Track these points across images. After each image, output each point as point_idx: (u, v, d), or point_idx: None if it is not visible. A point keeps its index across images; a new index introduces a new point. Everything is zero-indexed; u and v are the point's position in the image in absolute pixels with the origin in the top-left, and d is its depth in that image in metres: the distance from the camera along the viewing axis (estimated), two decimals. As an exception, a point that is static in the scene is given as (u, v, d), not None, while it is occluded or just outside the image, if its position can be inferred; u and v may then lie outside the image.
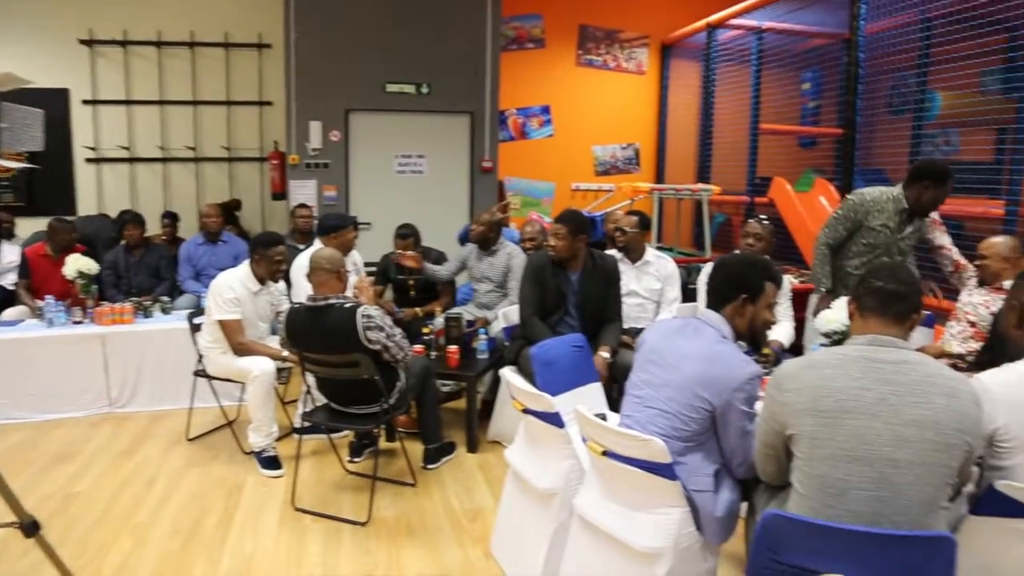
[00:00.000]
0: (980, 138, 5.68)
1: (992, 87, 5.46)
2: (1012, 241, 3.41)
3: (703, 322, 2.25)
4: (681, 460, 2.14)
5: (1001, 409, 1.83)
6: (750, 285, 2.24)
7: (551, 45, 7.76)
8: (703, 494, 2.15)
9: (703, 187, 6.27)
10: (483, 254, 4.90)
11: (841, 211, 3.79)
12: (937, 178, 3.59)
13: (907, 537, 1.63)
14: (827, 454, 1.74)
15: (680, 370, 2.16)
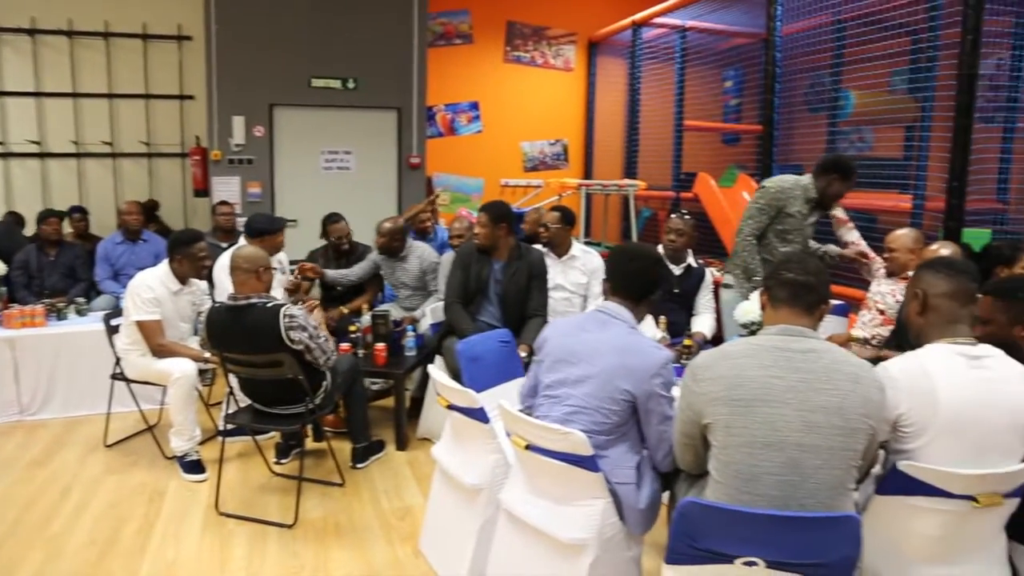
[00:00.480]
0: (891, 135, 5.94)
1: (900, 87, 5.72)
2: (915, 233, 3.59)
3: (609, 315, 2.30)
4: (603, 454, 2.18)
5: (904, 395, 1.92)
6: (659, 279, 2.35)
7: (479, 41, 7.77)
8: (626, 486, 2.20)
9: (629, 183, 6.38)
10: (394, 261, 4.86)
11: (763, 200, 3.83)
12: (844, 172, 3.73)
13: (815, 519, 1.70)
14: (741, 441, 1.80)
15: (596, 364, 2.19)
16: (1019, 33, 5.19)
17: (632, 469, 2.23)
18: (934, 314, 2.04)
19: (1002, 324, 2.22)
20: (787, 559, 1.71)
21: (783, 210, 3.78)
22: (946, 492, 1.90)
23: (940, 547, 1.98)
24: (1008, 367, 1.97)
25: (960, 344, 1.97)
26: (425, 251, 4.81)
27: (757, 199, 3.85)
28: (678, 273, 3.99)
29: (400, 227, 4.78)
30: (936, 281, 2.05)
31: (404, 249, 4.80)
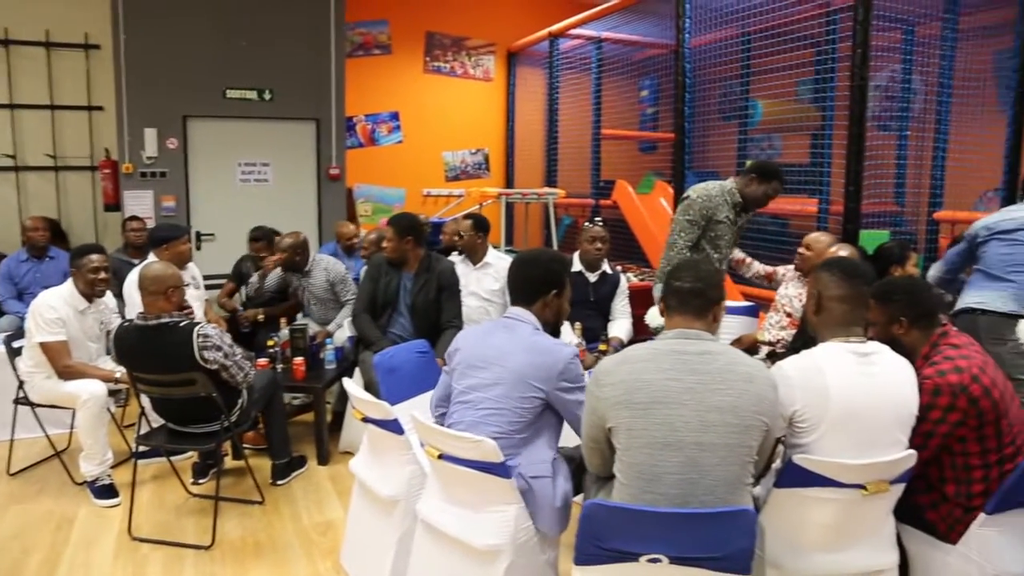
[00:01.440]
0: (798, 142, 6.21)
1: (805, 96, 5.99)
2: (832, 238, 3.75)
3: (514, 319, 2.38)
4: (519, 450, 2.24)
5: (798, 392, 2.03)
6: (558, 280, 2.41)
7: (398, 52, 7.77)
8: (542, 480, 2.26)
9: (548, 191, 6.48)
10: (299, 276, 4.79)
11: (692, 213, 3.74)
12: (761, 173, 3.72)
13: (712, 514, 1.78)
14: (642, 443, 1.87)
15: (507, 367, 2.26)
16: (908, 47, 5.52)
17: (547, 463, 2.29)
18: (828, 314, 2.16)
19: (883, 324, 2.36)
20: (689, 554, 1.78)
21: (712, 218, 3.75)
22: (838, 482, 2.01)
23: (834, 534, 2.10)
24: (893, 363, 2.11)
25: (852, 343, 2.09)
26: (330, 263, 4.76)
27: (686, 212, 3.77)
28: (594, 280, 4.08)
29: (301, 242, 4.69)
30: (831, 284, 2.16)
31: (308, 263, 4.73)
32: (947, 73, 5.24)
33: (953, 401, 2.12)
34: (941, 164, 5.33)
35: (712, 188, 3.77)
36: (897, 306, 2.33)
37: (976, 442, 2.17)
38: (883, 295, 2.35)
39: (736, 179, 3.78)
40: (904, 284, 2.42)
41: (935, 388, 2.14)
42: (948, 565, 2.27)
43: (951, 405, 2.12)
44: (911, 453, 2.06)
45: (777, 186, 3.71)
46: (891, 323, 2.33)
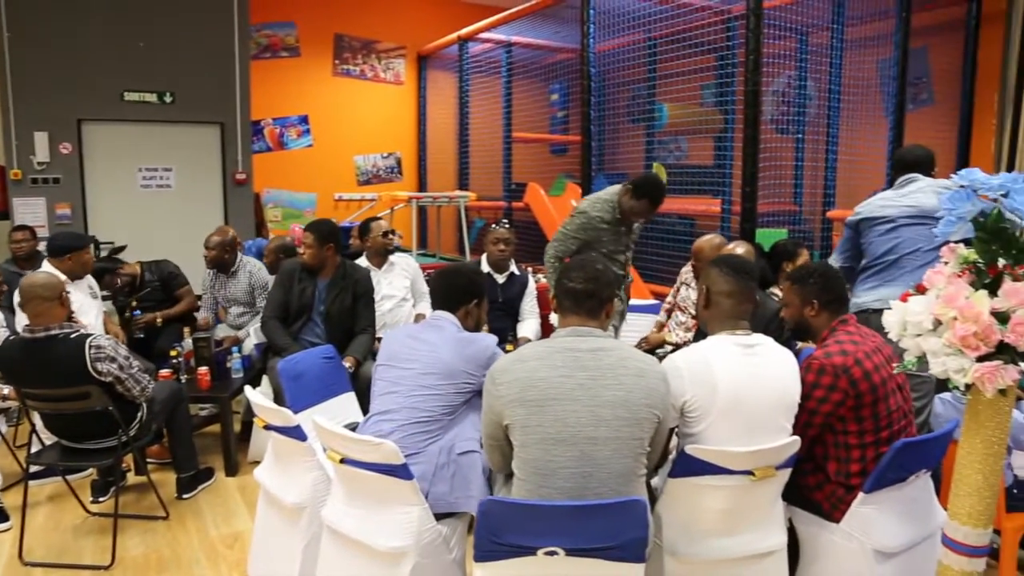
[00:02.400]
0: (703, 144, 6.43)
1: (709, 100, 6.21)
2: (718, 239, 3.89)
3: (441, 320, 2.49)
4: (448, 430, 2.34)
5: (687, 384, 2.12)
6: (479, 291, 2.56)
7: (306, 54, 7.65)
8: (471, 455, 2.31)
9: (460, 194, 6.51)
10: (224, 277, 4.70)
11: (571, 228, 3.72)
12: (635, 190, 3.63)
13: (604, 505, 1.83)
14: (537, 439, 1.91)
15: (439, 357, 2.36)
16: (802, 55, 5.80)
17: (475, 440, 2.34)
18: (716, 308, 2.26)
19: (796, 306, 2.49)
20: (584, 545, 1.83)
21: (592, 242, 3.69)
22: (727, 469, 2.10)
23: (727, 519, 2.19)
24: (776, 354, 2.22)
25: (738, 335, 2.20)
26: (255, 267, 4.68)
27: (568, 225, 3.73)
28: (502, 281, 4.12)
29: (230, 239, 4.63)
30: (719, 279, 2.27)
31: (235, 264, 4.65)
32: (836, 80, 5.53)
33: (835, 381, 2.26)
34: (833, 165, 5.62)
35: (596, 202, 3.72)
36: (811, 289, 2.45)
37: (854, 422, 2.31)
38: (800, 278, 2.49)
39: (620, 191, 3.72)
40: (820, 269, 2.54)
41: (820, 368, 2.28)
42: (833, 543, 2.40)
43: (833, 385, 2.26)
44: (795, 439, 2.17)
45: (646, 205, 3.62)
46: (804, 304, 2.46)
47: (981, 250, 1.74)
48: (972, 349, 1.65)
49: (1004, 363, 1.64)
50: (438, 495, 2.27)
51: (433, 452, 2.29)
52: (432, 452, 2.29)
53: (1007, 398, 1.73)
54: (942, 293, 1.71)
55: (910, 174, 3.43)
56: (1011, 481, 2.78)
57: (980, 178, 1.73)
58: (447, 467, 2.28)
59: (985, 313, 1.63)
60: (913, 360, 1.79)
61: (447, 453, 2.30)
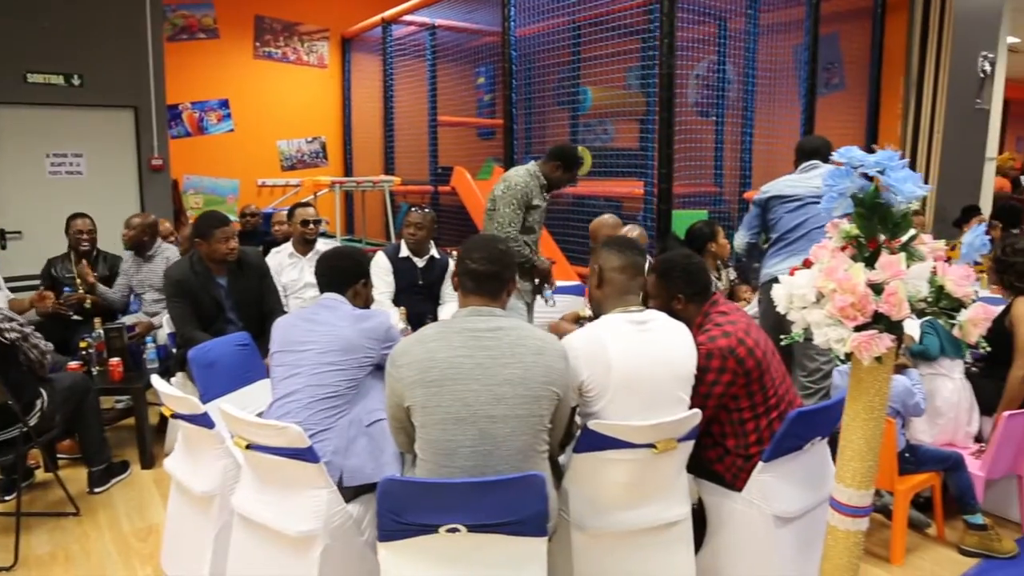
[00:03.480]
0: (629, 127, 6.51)
1: (634, 83, 6.28)
2: (612, 218, 3.97)
3: (332, 301, 2.50)
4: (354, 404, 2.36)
5: (583, 363, 2.16)
6: (365, 271, 2.59)
7: (226, 36, 7.43)
8: (380, 423, 2.33)
9: (384, 179, 6.45)
10: (141, 261, 4.57)
11: (514, 200, 3.69)
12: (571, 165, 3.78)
13: (502, 481, 1.86)
14: (437, 419, 1.92)
15: (339, 334, 2.37)
16: (722, 40, 5.93)
17: (382, 411, 2.32)
18: (609, 286, 2.31)
19: (663, 298, 2.52)
20: (485, 521, 1.86)
21: (530, 204, 3.75)
22: (629, 443, 2.16)
23: (631, 492, 2.25)
24: (668, 328, 2.28)
25: (630, 312, 2.25)
26: (174, 253, 4.56)
27: (507, 198, 3.70)
28: (421, 265, 4.11)
29: (151, 222, 4.51)
30: (610, 257, 2.33)
31: (152, 248, 4.51)
32: (752, 65, 5.67)
33: (723, 363, 2.33)
34: (749, 148, 5.77)
35: (522, 174, 3.75)
36: (675, 284, 2.49)
37: (747, 398, 2.39)
38: (663, 273, 2.51)
39: (538, 163, 3.80)
40: (682, 263, 2.55)
41: (707, 353, 2.33)
42: (735, 511, 2.49)
43: (722, 367, 2.33)
44: (695, 412, 2.24)
45: (575, 175, 3.85)
46: (671, 298, 2.49)
47: (861, 225, 1.82)
48: (850, 319, 1.73)
49: (879, 332, 1.72)
50: (354, 468, 2.26)
51: (343, 426, 2.31)
52: (342, 426, 2.30)
53: (884, 366, 1.82)
54: (824, 267, 1.78)
55: (811, 160, 3.68)
56: (903, 446, 2.93)
57: (858, 156, 1.80)
58: (358, 439, 2.29)
59: (861, 285, 1.71)
60: (800, 332, 1.87)
61: (357, 426, 2.32)
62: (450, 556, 1.93)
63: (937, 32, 5.72)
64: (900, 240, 1.80)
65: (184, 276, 3.64)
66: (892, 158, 1.80)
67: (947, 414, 3.16)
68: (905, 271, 1.73)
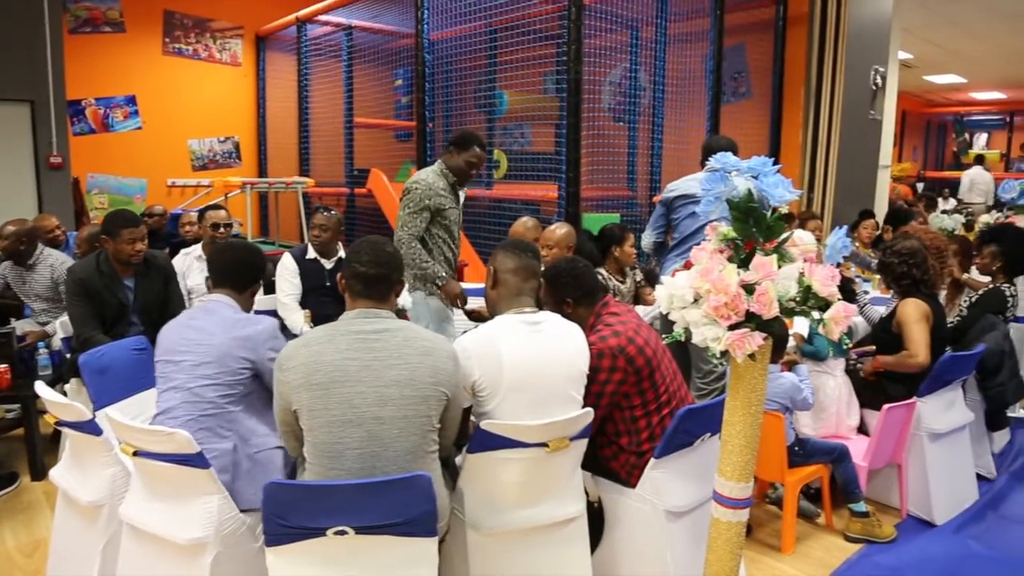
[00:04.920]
0: (547, 131, 6.58)
1: (550, 88, 6.36)
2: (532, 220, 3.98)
3: (215, 303, 2.39)
4: (239, 424, 2.26)
5: (475, 363, 2.18)
6: (257, 269, 2.49)
7: (132, 30, 7.18)
8: (268, 452, 2.27)
9: (297, 180, 6.35)
10: (22, 270, 4.32)
11: (414, 205, 3.53)
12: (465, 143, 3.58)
13: (388, 481, 1.86)
14: (324, 422, 1.91)
15: (213, 345, 2.25)
16: (634, 47, 6.07)
17: (270, 436, 2.29)
18: (503, 288, 2.35)
19: (553, 304, 2.58)
20: (373, 523, 1.86)
21: (439, 208, 3.56)
22: (522, 443, 2.19)
23: (525, 491, 2.28)
24: (560, 328, 2.34)
25: (524, 313, 2.29)
26: (58, 259, 4.34)
27: (408, 204, 3.56)
28: (329, 267, 4.06)
29: (27, 229, 4.26)
30: (504, 259, 2.37)
31: (32, 256, 4.28)
32: (661, 72, 5.82)
33: (614, 362, 2.39)
34: (659, 153, 5.92)
35: (427, 175, 3.60)
36: (564, 289, 2.55)
37: (638, 396, 2.46)
38: (551, 279, 2.57)
39: (441, 156, 3.67)
40: (569, 269, 2.60)
41: (599, 352, 2.40)
42: (630, 507, 2.56)
43: (613, 366, 2.39)
44: (586, 411, 2.29)
45: (478, 152, 3.58)
46: (560, 303, 2.56)
47: (737, 227, 1.90)
48: (724, 319, 1.80)
49: (751, 331, 1.80)
50: (241, 493, 2.22)
51: (227, 449, 2.23)
52: (226, 449, 2.23)
53: (759, 363, 1.91)
54: (700, 268, 1.86)
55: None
56: (792, 440, 3.06)
57: (732, 161, 1.89)
58: (243, 464, 2.23)
59: (734, 285, 1.78)
60: (680, 331, 1.93)
61: (244, 451, 2.24)
62: (339, 559, 1.92)
63: (833, 46, 6.00)
64: (775, 242, 1.88)
65: (88, 275, 3.49)
66: (765, 163, 1.89)
67: (829, 409, 3.32)
68: (776, 272, 1.82)
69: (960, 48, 10.22)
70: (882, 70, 6.78)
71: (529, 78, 5.98)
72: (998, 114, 15.55)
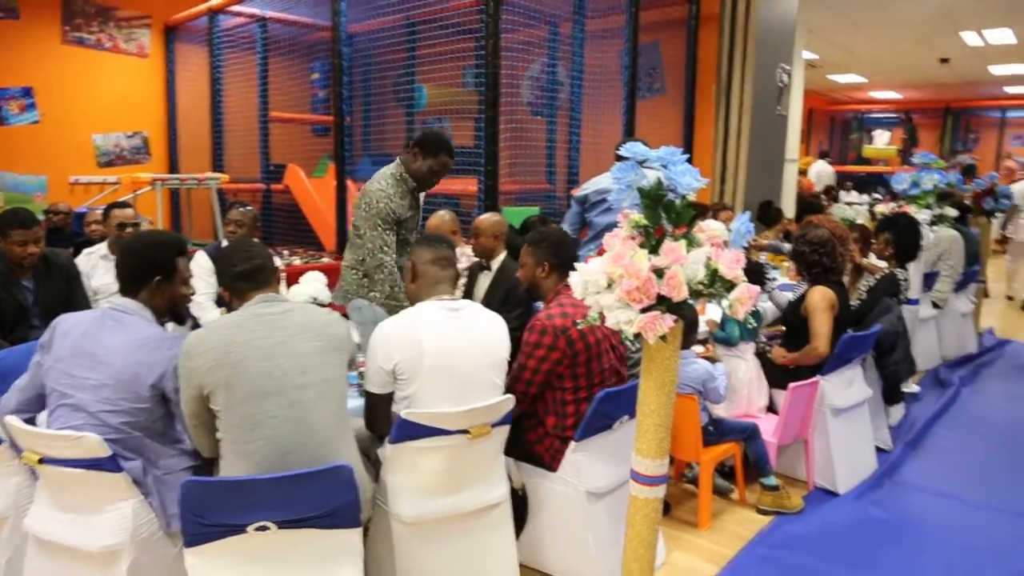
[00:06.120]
0: (467, 126, 6.59)
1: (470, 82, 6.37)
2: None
3: (121, 311, 2.17)
4: (142, 451, 2.11)
5: (395, 347, 2.22)
6: (162, 265, 2.21)
7: (28, 17, 6.79)
8: (180, 473, 2.15)
9: (210, 176, 6.17)
10: None
11: (378, 218, 3.17)
12: (434, 148, 3.24)
13: (309, 473, 1.86)
14: (242, 396, 1.93)
15: (114, 366, 2.06)
16: (553, 43, 6.14)
17: (181, 456, 2.19)
18: (422, 279, 2.41)
19: (530, 266, 2.72)
20: (295, 516, 1.85)
21: (400, 219, 3.24)
22: (444, 430, 2.21)
23: (448, 478, 2.30)
24: (481, 316, 2.38)
25: (444, 300, 2.33)
26: None
27: (371, 220, 3.18)
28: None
29: None
30: (422, 252, 2.43)
31: None
32: (579, 67, 5.92)
33: (555, 341, 2.49)
34: (577, 147, 6.03)
35: (384, 184, 3.22)
36: (544, 252, 2.69)
37: (571, 379, 2.55)
38: (535, 242, 2.74)
39: (401, 157, 3.32)
40: (554, 235, 2.78)
41: (542, 328, 2.51)
42: (553, 490, 2.63)
43: (553, 344, 2.49)
44: (508, 398, 2.34)
45: (445, 160, 3.25)
46: (537, 266, 2.70)
47: (647, 215, 1.97)
48: (636, 302, 1.86)
49: (662, 313, 1.87)
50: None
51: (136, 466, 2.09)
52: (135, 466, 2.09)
53: (670, 344, 1.98)
54: (613, 254, 1.92)
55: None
56: (706, 420, 3.19)
57: (641, 151, 1.95)
58: (151, 486, 2.10)
59: (645, 270, 1.85)
60: (595, 316, 1.99)
61: (151, 474, 2.10)
62: (262, 556, 1.91)
63: (743, 44, 6.23)
64: (684, 228, 1.96)
65: None
66: (673, 153, 1.97)
67: (741, 391, 3.47)
68: (685, 257, 1.89)
69: (860, 50, 10.76)
70: (788, 68, 7.07)
71: (448, 72, 5.98)
72: (895, 112, 16.43)
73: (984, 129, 15.85)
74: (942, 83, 13.38)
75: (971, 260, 5.80)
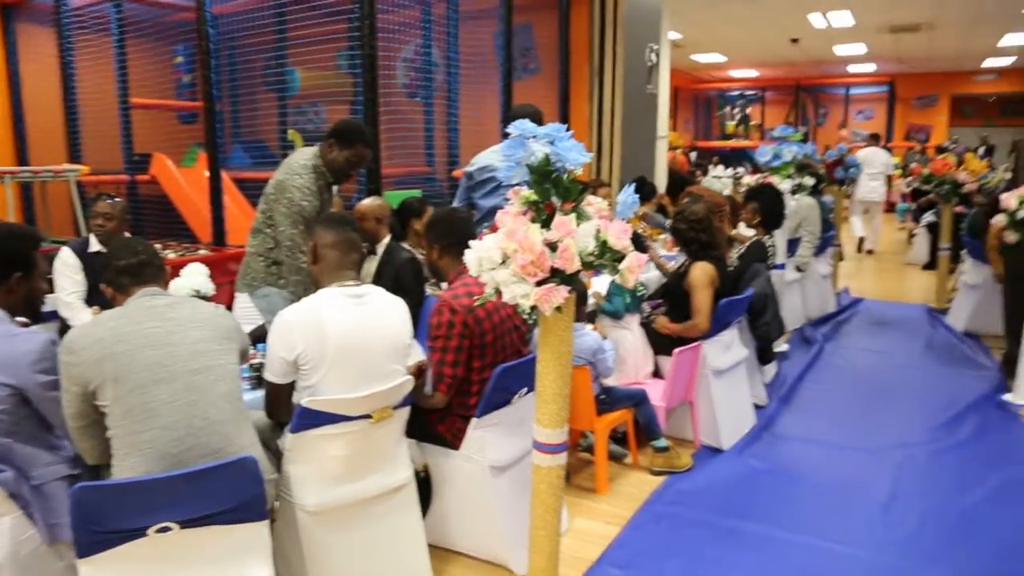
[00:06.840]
0: (342, 110, 6.44)
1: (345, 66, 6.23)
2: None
3: None
4: (11, 460, 1.97)
5: (299, 335, 2.17)
6: (19, 260, 2.12)
7: None
8: (59, 482, 2.03)
9: (67, 168, 5.74)
10: None
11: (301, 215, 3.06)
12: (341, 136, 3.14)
13: (215, 468, 1.81)
14: (133, 386, 1.86)
15: None
16: (427, 24, 6.09)
17: (61, 463, 2.07)
18: (324, 262, 2.36)
19: (427, 248, 2.80)
20: (199, 513, 1.79)
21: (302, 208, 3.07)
22: (346, 416, 2.20)
23: (352, 464, 2.30)
24: (384, 302, 2.38)
25: (347, 286, 2.30)
26: None
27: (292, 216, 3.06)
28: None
29: None
30: (324, 234, 2.38)
31: None
32: (454, 48, 5.91)
33: (453, 318, 2.54)
34: (455, 128, 6.03)
35: (307, 178, 3.08)
36: (435, 233, 2.72)
37: (478, 358, 2.59)
38: (430, 224, 2.79)
39: (318, 147, 3.19)
40: (445, 216, 2.81)
41: (449, 308, 2.55)
42: (458, 468, 2.67)
43: (464, 321, 2.54)
44: (408, 379, 2.35)
45: (362, 151, 3.16)
46: (430, 248, 2.74)
47: (537, 190, 2.02)
48: (531, 276, 1.92)
49: (556, 285, 1.93)
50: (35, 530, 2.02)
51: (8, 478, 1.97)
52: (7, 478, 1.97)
53: (565, 315, 2.05)
54: (506, 230, 1.96)
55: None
56: (598, 390, 3.31)
57: (530, 128, 2.00)
58: (26, 498, 1.98)
59: (538, 244, 1.90)
60: (491, 292, 2.03)
61: (25, 484, 1.98)
62: (165, 559, 1.84)
63: (613, 24, 6.39)
64: (572, 202, 2.02)
65: None
66: (560, 130, 2.02)
67: (628, 360, 3.62)
68: (576, 230, 1.96)
69: (720, 29, 11.27)
70: (656, 48, 7.33)
71: (322, 55, 5.82)
72: (753, 89, 17.37)
73: (832, 105, 17.02)
74: (794, 61, 14.23)
75: (827, 226, 6.26)
